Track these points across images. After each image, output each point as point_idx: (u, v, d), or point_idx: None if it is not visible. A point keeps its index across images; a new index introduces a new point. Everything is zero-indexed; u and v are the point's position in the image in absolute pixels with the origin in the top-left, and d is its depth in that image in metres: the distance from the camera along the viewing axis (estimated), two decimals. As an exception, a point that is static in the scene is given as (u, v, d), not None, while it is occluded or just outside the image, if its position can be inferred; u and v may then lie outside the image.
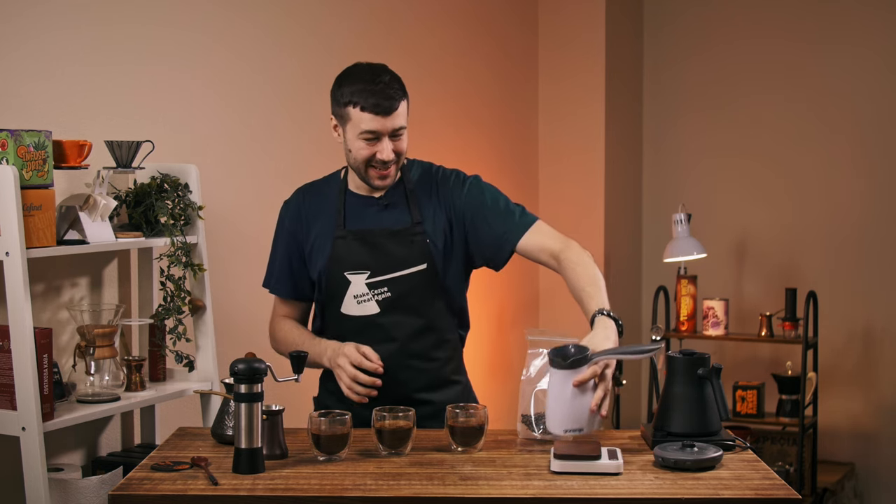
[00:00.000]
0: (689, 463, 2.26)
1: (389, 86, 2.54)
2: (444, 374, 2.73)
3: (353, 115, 2.54)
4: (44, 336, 2.56)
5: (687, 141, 5.55)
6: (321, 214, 2.70)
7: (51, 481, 2.63)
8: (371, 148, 2.55)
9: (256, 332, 3.28)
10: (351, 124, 2.56)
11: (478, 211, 2.65)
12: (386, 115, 2.52)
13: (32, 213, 2.53)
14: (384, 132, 2.54)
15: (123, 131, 3.03)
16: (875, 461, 5.21)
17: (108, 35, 3.00)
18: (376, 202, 2.68)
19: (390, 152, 2.55)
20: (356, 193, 2.70)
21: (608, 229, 5.28)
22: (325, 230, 2.68)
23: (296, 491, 2.14)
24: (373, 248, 2.62)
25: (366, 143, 2.55)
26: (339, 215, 2.67)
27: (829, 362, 5.20)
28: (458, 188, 2.68)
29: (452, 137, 4.65)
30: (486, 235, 2.65)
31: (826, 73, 5.24)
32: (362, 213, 2.68)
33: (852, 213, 5.21)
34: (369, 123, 2.53)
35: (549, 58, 5.34)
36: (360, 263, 2.63)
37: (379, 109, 2.52)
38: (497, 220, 2.64)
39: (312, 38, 3.81)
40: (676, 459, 2.26)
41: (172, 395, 2.94)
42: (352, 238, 2.65)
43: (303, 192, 2.77)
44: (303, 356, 2.41)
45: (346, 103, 2.55)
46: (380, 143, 2.55)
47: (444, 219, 2.66)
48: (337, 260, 2.65)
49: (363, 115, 2.53)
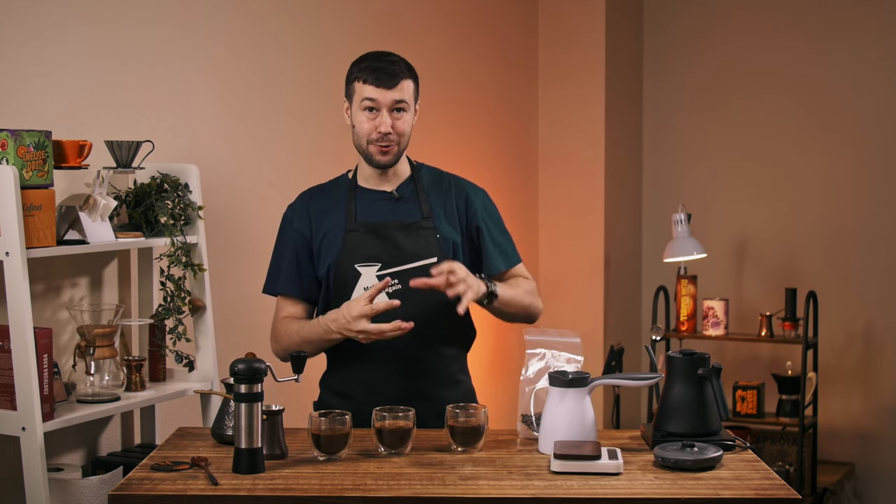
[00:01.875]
0: (689, 463, 2.26)
1: (395, 64, 2.64)
2: (452, 372, 2.75)
3: (357, 89, 2.65)
4: (44, 336, 2.56)
5: (687, 141, 5.55)
6: (330, 212, 2.73)
7: (51, 481, 2.63)
8: (372, 122, 2.63)
9: (256, 332, 3.28)
10: (356, 98, 2.65)
11: (487, 228, 2.77)
12: (387, 89, 2.61)
13: (32, 213, 2.53)
14: (384, 103, 2.61)
15: (123, 131, 3.03)
16: (875, 461, 5.21)
17: (108, 35, 3.00)
18: (388, 196, 2.72)
19: (388, 126, 2.62)
20: (366, 188, 2.74)
21: (608, 229, 5.28)
22: (335, 226, 2.70)
23: (296, 491, 2.14)
24: (384, 240, 2.65)
25: (367, 115, 2.63)
26: (349, 210, 2.71)
27: (829, 362, 5.20)
28: (473, 195, 2.78)
29: (452, 137, 4.64)
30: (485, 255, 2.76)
31: (825, 74, 5.24)
32: (373, 207, 2.71)
33: (852, 212, 5.21)
34: (370, 92, 2.62)
35: (549, 58, 5.34)
36: (371, 256, 2.65)
37: (380, 82, 2.61)
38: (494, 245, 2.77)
39: (312, 38, 3.81)
40: (676, 459, 2.26)
41: (172, 395, 2.94)
42: (363, 231, 2.68)
43: (308, 194, 2.81)
44: (303, 356, 2.41)
45: (353, 79, 2.66)
46: (380, 115, 2.62)
47: (455, 217, 2.73)
48: (348, 252, 2.67)
49: (365, 86, 2.63)
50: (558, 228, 5.36)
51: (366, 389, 2.67)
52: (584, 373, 2.41)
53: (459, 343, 2.78)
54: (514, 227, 5.17)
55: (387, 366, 2.66)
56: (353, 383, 2.70)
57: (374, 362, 2.67)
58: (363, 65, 2.65)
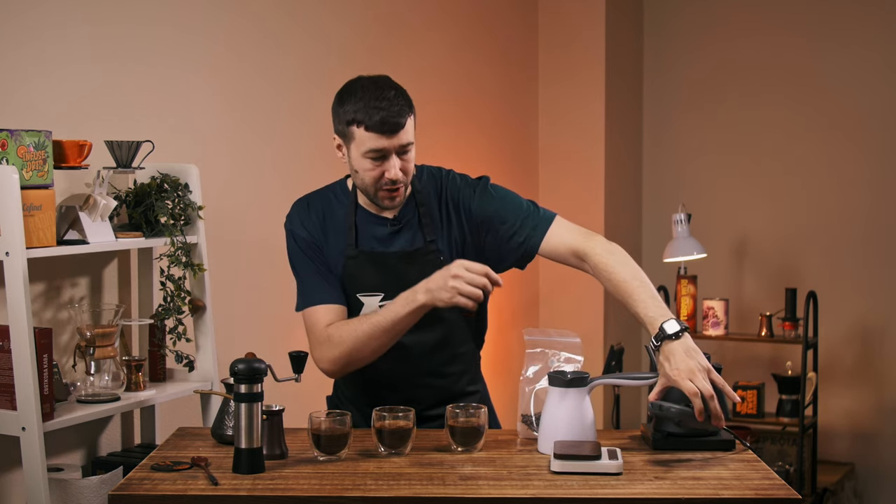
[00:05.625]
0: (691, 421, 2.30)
1: (395, 102, 2.40)
2: (459, 388, 2.68)
3: (357, 135, 2.41)
4: (44, 336, 2.56)
5: (687, 140, 5.55)
6: (331, 229, 2.58)
7: (51, 481, 2.63)
8: (378, 168, 2.42)
9: (256, 332, 3.28)
10: (355, 143, 2.42)
11: (495, 217, 2.56)
12: (392, 134, 2.39)
13: (32, 213, 2.53)
14: (391, 149, 2.41)
15: (123, 131, 3.03)
16: (875, 461, 5.21)
17: (108, 35, 3.00)
18: (388, 222, 2.56)
19: (398, 171, 2.42)
20: (367, 211, 2.57)
21: (608, 229, 5.28)
22: (336, 247, 2.56)
23: (296, 491, 2.14)
24: (386, 270, 2.54)
25: (372, 162, 2.42)
26: (350, 233, 2.55)
27: (829, 362, 5.20)
28: (470, 194, 2.58)
29: (452, 137, 4.64)
30: (507, 242, 2.57)
31: (826, 72, 5.24)
32: (374, 233, 2.56)
33: (853, 212, 5.21)
34: (375, 142, 2.39)
35: (549, 58, 5.34)
36: (373, 286, 2.54)
37: (385, 128, 2.38)
38: (515, 225, 2.56)
39: (312, 38, 3.81)
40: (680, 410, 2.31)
41: (172, 395, 2.94)
42: (364, 259, 2.54)
43: (306, 202, 2.62)
44: (303, 356, 2.41)
45: (349, 122, 2.42)
46: (387, 161, 2.42)
47: (457, 230, 2.58)
48: (349, 280, 2.55)
49: (368, 134, 2.39)
50: (558, 228, 5.35)
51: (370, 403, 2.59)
52: (583, 373, 2.41)
53: (466, 359, 2.69)
54: (514, 226, 5.20)
55: (396, 394, 2.60)
56: (360, 395, 2.67)
57: (383, 389, 2.61)
58: (359, 104, 2.39)
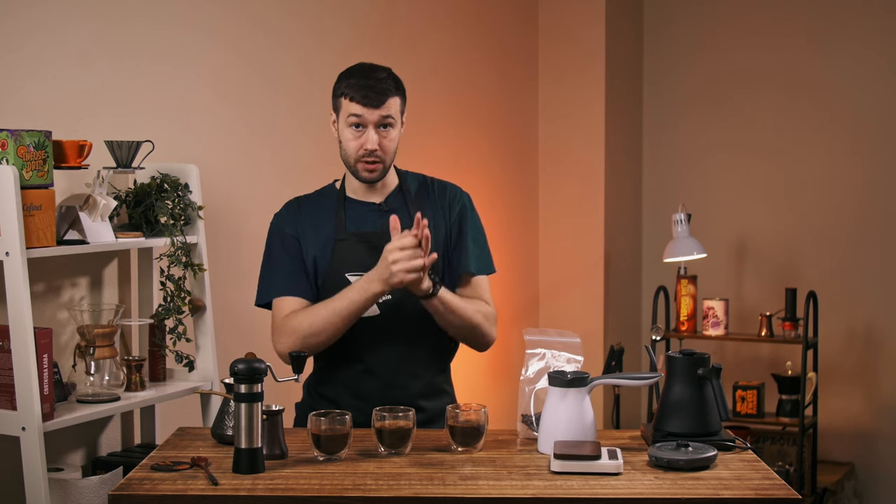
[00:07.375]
0: (683, 463, 2.26)
1: (383, 81, 2.62)
2: (439, 383, 2.76)
3: (343, 105, 2.63)
4: (44, 336, 2.56)
5: (687, 141, 5.55)
6: (319, 221, 2.70)
7: (51, 481, 2.63)
8: (358, 139, 2.61)
9: (256, 332, 3.27)
10: (342, 114, 2.63)
11: (470, 227, 2.75)
12: (374, 107, 2.59)
13: (32, 213, 2.53)
14: (370, 120, 2.59)
15: (123, 131, 3.03)
16: (875, 461, 5.21)
17: (107, 35, 3.00)
18: (377, 207, 2.71)
19: (374, 143, 2.60)
20: (355, 199, 2.72)
21: (608, 229, 5.28)
22: (324, 235, 2.68)
23: (296, 491, 2.14)
24: (375, 250, 2.60)
25: (353, 131, 2.61)
26: (339, 220, 2.69)
27: (829, 362, 5.20)
28: (458, 195, 2.78)
29: (452, 137, 4.64)
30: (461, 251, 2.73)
31: (826, 73, 5.24)
32: (363, 218, 2.70)
33: (852, 212, 5.21)
34: (356, 109, 2.60)
35: (549, 57, 5.34)
36: (361, 265, 2.62)
37: (367, 101, 2.59)
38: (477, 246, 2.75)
39: (312, 38, 3.81)
40: (670, 459, 2.26)
41: (172, 395, 2.94)
42: (354, 240, 2.67)
43: (296, 203, 2.76)
44: (303, 356, 2.41)
45: (340, 95, 2.64)
46: (366, 132, 2.60)
47: (442, 225, 2.72)
48: (339, 261, 2.65)
49: (352, 104, 2.60)
50: (558, 228, 5.36)
51: (351, 395, 2.67)
52: (583, 373, 2.42)
53: (445, 354, 2.78)
54: (514, 226, 5.21)
55: (374, 378, 2.66)
56: (338, 388, 2.70)
57: (362, 373, 2.67)
58: (350, 81, 2.62)
